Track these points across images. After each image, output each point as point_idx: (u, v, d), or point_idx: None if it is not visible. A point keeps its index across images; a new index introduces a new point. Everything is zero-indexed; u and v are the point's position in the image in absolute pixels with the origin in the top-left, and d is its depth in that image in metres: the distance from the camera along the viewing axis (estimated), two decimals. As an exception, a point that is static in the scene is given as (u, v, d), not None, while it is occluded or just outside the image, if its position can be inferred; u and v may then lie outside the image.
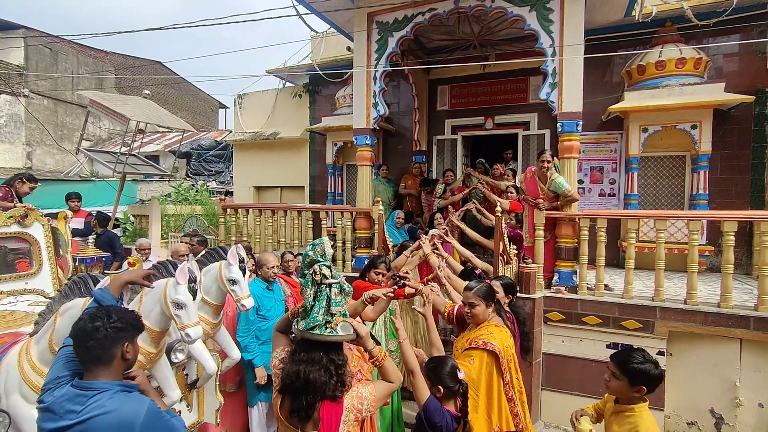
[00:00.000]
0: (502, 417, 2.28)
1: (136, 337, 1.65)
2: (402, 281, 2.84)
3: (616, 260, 6.03)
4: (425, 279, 3.15)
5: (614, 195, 6.31)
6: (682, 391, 4.03)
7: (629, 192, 5.81)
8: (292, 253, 4.31)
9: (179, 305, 2.28)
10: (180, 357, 2.64)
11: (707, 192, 5.45)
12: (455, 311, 2.77)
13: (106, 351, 1.54)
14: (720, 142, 5.69)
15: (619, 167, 6.25)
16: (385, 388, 1.81)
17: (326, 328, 1.65)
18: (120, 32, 7.21)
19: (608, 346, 4.12)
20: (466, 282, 3.25)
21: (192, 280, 2.40)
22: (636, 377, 1.93)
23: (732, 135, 5.79)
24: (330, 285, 1.67)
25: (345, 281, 1.77)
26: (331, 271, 1.70)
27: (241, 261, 2.89)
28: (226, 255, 2.83)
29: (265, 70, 9.03)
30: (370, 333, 1.89)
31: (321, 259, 1.71)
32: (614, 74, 6.33)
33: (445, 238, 4.31)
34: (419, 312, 2.52)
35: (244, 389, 3.67)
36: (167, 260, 2.58)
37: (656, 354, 3.98)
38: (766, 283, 3.73)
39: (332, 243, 2.16)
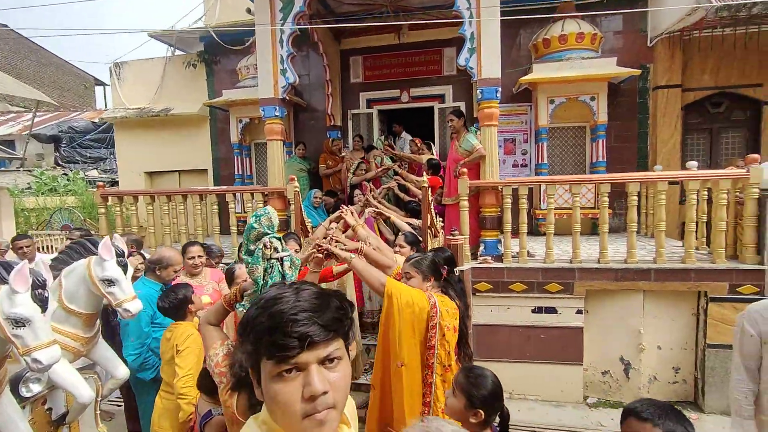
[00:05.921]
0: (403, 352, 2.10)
1: None
2: (325, 248, 2.30)
3: (530, 229, 6.28)
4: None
5: (526, 165, 6.56)
6: (596, 345, 4.30)
7: (540, 162, 6.06)
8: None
9: (19, 322, 1.64)
10: (35, 389, 1.97)
11: (605, 159, 5.89)
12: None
13: None
14: (613, 114, 6.15)
15: (530, 138, 6.49)
16: None
17: None
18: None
19: (533, 311, 4.23)
20: (396, 248, 3.02)
21: (41, 285, 1.75)
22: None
23: (622, 107, 6.31)
24: (281, 259, 1.55)
25: (294, 253, 1.65)
26: (282, 244, 1.58)
27: (120, 255, 2.25)
28: (96, 248, 2.17)
29: (147, 34, 7.69)
30: None
31: (270, 231, 1.56)
32: (522, 48, 6.50)
33: (384, 212, 4.03)
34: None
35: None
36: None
37: (575, 313, 4.18)
38: (662, 238, 4.09)
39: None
